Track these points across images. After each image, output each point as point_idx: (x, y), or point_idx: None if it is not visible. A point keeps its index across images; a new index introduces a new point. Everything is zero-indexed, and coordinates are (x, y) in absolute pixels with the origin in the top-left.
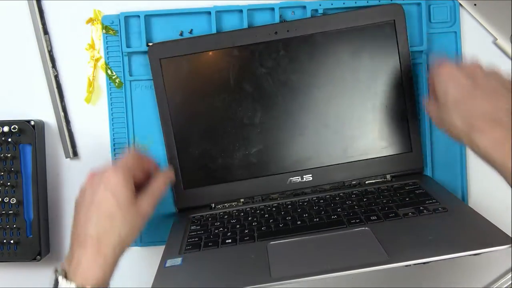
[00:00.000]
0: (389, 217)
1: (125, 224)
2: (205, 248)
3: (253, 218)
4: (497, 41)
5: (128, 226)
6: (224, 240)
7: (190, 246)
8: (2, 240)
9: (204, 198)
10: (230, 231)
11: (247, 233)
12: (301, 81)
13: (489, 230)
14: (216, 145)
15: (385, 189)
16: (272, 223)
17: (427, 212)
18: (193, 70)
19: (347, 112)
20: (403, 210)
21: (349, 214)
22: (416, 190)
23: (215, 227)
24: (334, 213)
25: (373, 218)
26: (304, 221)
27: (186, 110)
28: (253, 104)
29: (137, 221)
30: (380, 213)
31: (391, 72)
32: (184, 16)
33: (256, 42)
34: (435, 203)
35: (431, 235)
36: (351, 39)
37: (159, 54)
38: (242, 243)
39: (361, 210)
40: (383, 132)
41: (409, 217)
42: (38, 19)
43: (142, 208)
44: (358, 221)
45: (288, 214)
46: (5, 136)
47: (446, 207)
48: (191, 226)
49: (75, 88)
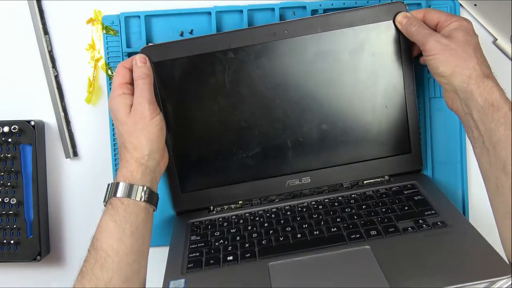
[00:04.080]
0: (389, 232)
1: (132, 132)
2: (207, 267)
3: (253, 227)
4: (497, 41)
5: (136, 133)
6: (225, 256)
7: (192, 264)
8: (2, 240)
9: (202, 201)
10: (231, 244)
11: (248, 247)
12: (299, 82)
13: (489, 258)
14: (213, 148)
15: (384, 193)
16: (272, 235)
17: (426, 228)
18: (188, 73)
19: (346, 113)
20: (402, 224)
21: (349, 227)
22: (415, 196)
23: (215, 239)
24: (334, 225)
25: (373, 233)
26: (304, 234)
27: (181, 113)
28: (250, 106)
29: (141, 125)
30: (380, 226)
31: (392, 72)
32: (184, 16)
33: (254, 43)
34: (434, 215)
35: (432, 261)
36: (353, 39)
37: (152, 57)
38: (244, 261)
39: (360, 222)
40: (382, 133)
41: (408, 233)
42: (38, 19)
43: (137, 112)
44: (359, 236)
45: (287, 223)
46: (5, 136)
47: (445, 221)
48: (191, 235)
49: (75, 88)
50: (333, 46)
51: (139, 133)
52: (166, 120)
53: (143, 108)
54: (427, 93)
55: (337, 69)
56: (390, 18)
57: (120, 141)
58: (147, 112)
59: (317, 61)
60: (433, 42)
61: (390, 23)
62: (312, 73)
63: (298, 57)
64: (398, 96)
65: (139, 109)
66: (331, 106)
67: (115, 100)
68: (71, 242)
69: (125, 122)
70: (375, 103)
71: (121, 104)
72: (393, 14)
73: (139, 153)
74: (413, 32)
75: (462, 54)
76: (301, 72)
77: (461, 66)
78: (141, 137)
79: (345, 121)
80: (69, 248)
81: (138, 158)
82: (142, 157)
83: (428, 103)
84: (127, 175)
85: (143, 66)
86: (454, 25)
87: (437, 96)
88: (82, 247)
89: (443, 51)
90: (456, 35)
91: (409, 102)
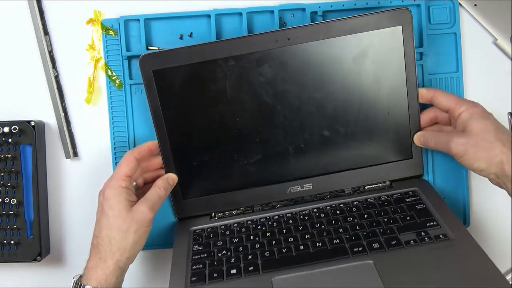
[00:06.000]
0: (391, 245)
1: (120, 232)
2: (210, 281)
3: (255, 237)
4: (497, 41)
5: (124, 233)
6: (228, 269)
7: (196, 278)
8: (2, 240)
9: (204, 207)
10: (234, 256)
11: (251, 259)
12: (301, 89)
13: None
14: (215, 155)
15: (386, 201)
16: (275, 246)
17: (428, 241)
18: (189, 80)
19: (348, 119)
20: (404, 236)
21: (352, 239)
22: (417, 205)
23: (217, 249)
24: (336, 236)
25: (376, 246)
26: (307, 245)
27: (182, 121)
28: (252, 113)
29: (132, 228)
30: (382, 238)
31: (395, 79)
32: (184, 19)
33: (256, 51)
34: (436, 226)
35: (433, 277)
36: (356, 45)
37: (151, 66)
38: (247, 275)
39: (363, 233)
40: (384, 139)
41: (410, 246)
42: (38, 20)
43: (137, 214)
44: (361, 250)
45: (289, 232)
46: (5, 137)
47: (447, 234)
48: (194, 245)
49: (75, 88)
50: (335, 53)
51: (131, 235)
52: (168, 127)
53: (147, 215)
54: None
55: (339, 75)
56: (394, 24)
57: (104, 232)
58: (148, 221)
59: (319, 67)
60: (455, 147)
61: (393, 29)
62: (314, 79)
63: (300, 64)
64: (401, 102)
65: (143, 213)
66: (332, 112)
67: (117, 190)
68: (71, 243)
69: (122, 217)
70: (377, 109)
71: (123, 198)
72: (397, 21)
73: (121, 255)
74: (433, 146)
75: (486, 145)
76: (303, 79)
77: (490, 157)
78: (130, 239)
79: (347, 127)
80: (69, 248)
81: (118, 261)
82: (122, 260)
83: None
84: (102, 280)
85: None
86: (465, 116)
87: None
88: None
89: (468, 150)
90: (471, 128)
91: (412, 108)
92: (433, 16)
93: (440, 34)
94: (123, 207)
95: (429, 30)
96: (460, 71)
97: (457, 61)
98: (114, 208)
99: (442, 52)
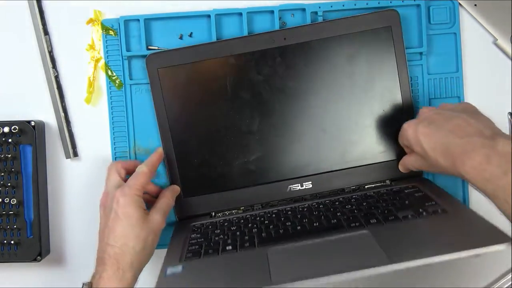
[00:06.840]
0: (388, 220)
1: (139, 241)
2: (205, 256)
3: (253, 224)
4: (497, 41)
5: (142, 243)
6: (224, 247)
7: (191, 254)
8: (2, 240)
9: (204, 206)
10: (231, 238)
11: (247, 239)
12: (299, 87)
13: (488, 230)
14: (215, 153)
15: (385, 193)
16: (272, 229)
17: (426, 214)
18: (192, 79)
19: (345, 117)
20: (402, 213)
21: (349, 218)
22: (416, 193)
23: (215, 235)
24: (334, 218)
25: (373, 221)
26: (304, 226)
27: (184, 119)
28: (251, 111)
29: (150, 237)
30: (380, 216)
31: (388, 77)
32: (184, 19)
33: (254, 50)
34: (435, 205)
35: (431, 236)
36: (348, 45)
37: (157, 64)
38: (243, 250)
39: (360, 214)
40: (381, 137)
41: (408, 220)
42: (38, 20)
43: (153, 224)
44: (358, 225)
45: (288, 219)
46: (5, 137)
47: (446, 209)
48: (192, 234)
49: (75, 88)
50: (330, 52)
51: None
52: (171, 124)
53: (161, 224)
54: (427, 95)
55: (334, 74)
56: (383, 25)
57: (122, 241)
58: (161, 229)
59: (316, 66)
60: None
61: (383, 30)
62: (312, 78)
63: (297, 63)
64: (395, 99)
65: (158, 221)
66: (331, 111)
67: (132, 198)
68: (72, 242)
69: (139, 225)
70: (373, 107)
71: (139, 207)
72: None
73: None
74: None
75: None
76: (301, 78)
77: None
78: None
79: (346, 126)
80: (69, 248)
81: (136, 273)
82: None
83: (428, 105)
84: None
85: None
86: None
87: (437, 97)
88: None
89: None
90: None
91: (406, 105)
92: (433, 16)
93: (440, 34)
94: (140, 215)
95: (429, 30)
96: (460, 71)
97: (457, 61)
98: (131, 217)
99: (442, 52)
